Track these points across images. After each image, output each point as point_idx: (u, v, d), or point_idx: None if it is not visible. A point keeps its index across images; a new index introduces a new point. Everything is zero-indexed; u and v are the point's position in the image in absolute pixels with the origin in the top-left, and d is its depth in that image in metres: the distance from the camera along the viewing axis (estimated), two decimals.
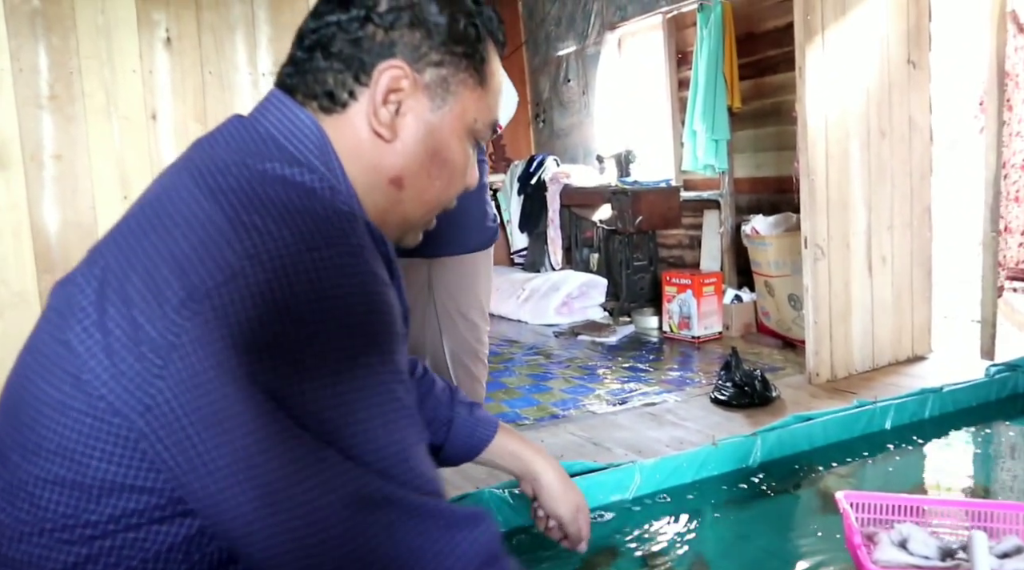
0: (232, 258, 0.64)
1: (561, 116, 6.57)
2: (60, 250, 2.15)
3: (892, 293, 3.45)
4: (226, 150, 0.75)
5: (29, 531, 0.70)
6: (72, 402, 0.67)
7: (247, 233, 0.65)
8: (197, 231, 0.66)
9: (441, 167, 0.84)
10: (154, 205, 0.72)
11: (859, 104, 3.26)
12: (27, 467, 0.70)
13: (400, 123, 0.80)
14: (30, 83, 2.06)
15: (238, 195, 0.69)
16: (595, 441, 2.63)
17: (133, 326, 0.64)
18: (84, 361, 0.66)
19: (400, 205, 0.84)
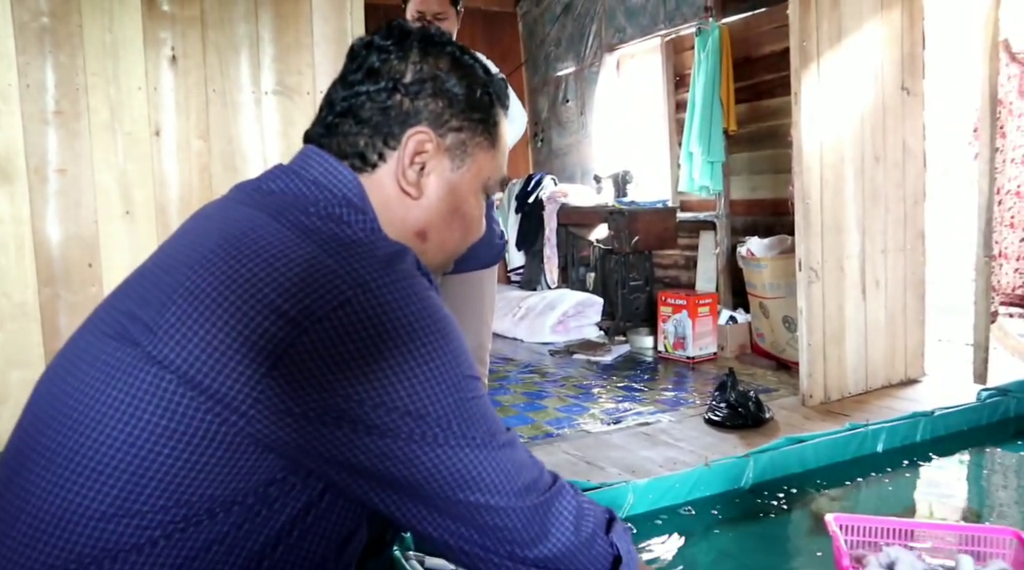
0: (342, 287, 0.74)
1: (559, 135, 6.62)
2: (61, 263, 2.17)
3: (885, 316, 3.48)
4: (290, 195, 0.85)
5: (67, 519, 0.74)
6: (156, 400, 0.74)
7: (347, 266, 0.76)
8: (300, 264, 0.76)
9: (460, 220, 0.94)
10: (242, 240, 0.79)
11: (854, 129, 3.30)
12: (99, 459, 0.74)
13: (424, 182, 0.90)
14: (36, 99, 2.09)
15: (325, 235, 0.80)
16: (589, 460, 2.64)
17: (239, 336, 0.73)
18: (180, 368, 0.73)
19: (423, 255, 0.92)
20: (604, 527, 0.90)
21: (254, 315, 0.73)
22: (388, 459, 0.76)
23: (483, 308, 2.51)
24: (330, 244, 0.79)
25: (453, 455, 0.78)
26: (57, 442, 0.76)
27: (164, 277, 0.80)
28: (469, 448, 0.79)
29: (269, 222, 0.80)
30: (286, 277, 0.75)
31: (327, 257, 0.77)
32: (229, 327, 0.73)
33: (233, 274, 0.75)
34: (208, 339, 0.73)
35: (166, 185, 2.26)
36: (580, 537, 0.86)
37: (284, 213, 0.82)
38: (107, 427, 0.74)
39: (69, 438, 0.75)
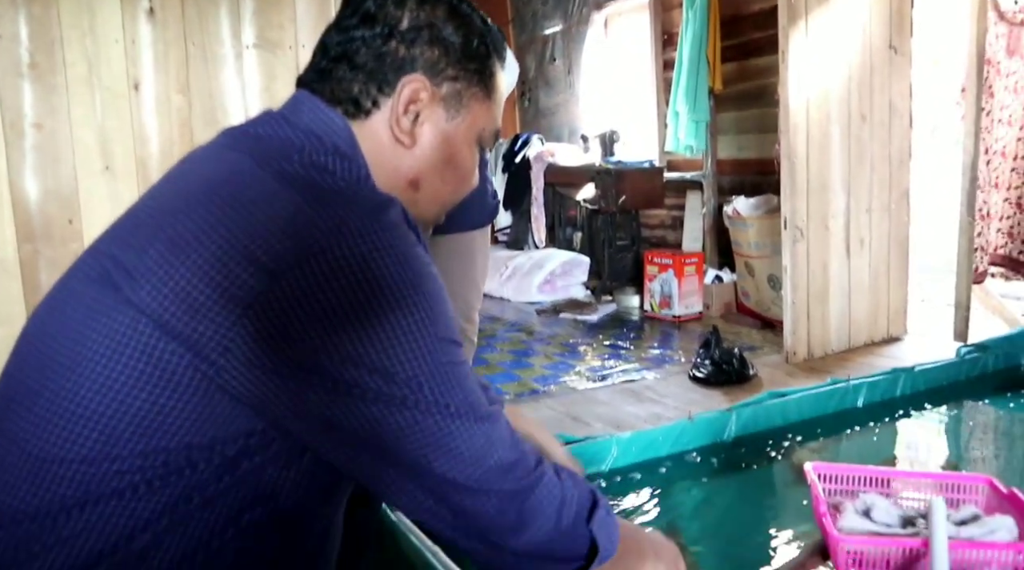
0: (318, 236, 0.72)
1: (546, 95, 6.57)
2: (41, 219, 2.15)
3: (869, 275, 3.50)
4: (276, 141, 0.83)
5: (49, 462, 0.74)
6: (133, 343, 0.73)
7: (327, 215, 0.74)
8: (279, 212, 0.74)
9: (453, 171, 0.93)
10: (224, 186, 0.78)
11: (841, 88, 3.29)
12: (78, 401, 0.74)
13: (418, 131, 0.89)
14: (10, 52, 2.05)
15: (306, 181, 0.78)
16: (574, 416, 2.67)
17: (213, 284, 0.71)
18: (155, 312, 0.72)
19: (415, 205, 0.91)
20: (586, 514, 0.85)
21: (229, 262, 0.71)
22: (356, 419, 0.73)
23: (474, 268, 2.51)
24: (311, 192, 0.76)
25: (422, 420, 0.74)
26: (40, 384, 0.76)
27: (147, 221, 0.79)
28: (440, 415, 0.75)
29: (253, 169, 0.78)
30: (264, 225, 0.73)
31: (307, 206, 0.74)
32: (204, 273, 0.72)
33: (212, 220, 0.74)
34: (183, 285, 0.72)
35: (146, 141, 2.23)
36: (560, 528, 0.82)
37: (269, 160, 0.79)
38: (87, 370, 0.74)
39: (51, 380, 0.75)
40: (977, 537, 1.29)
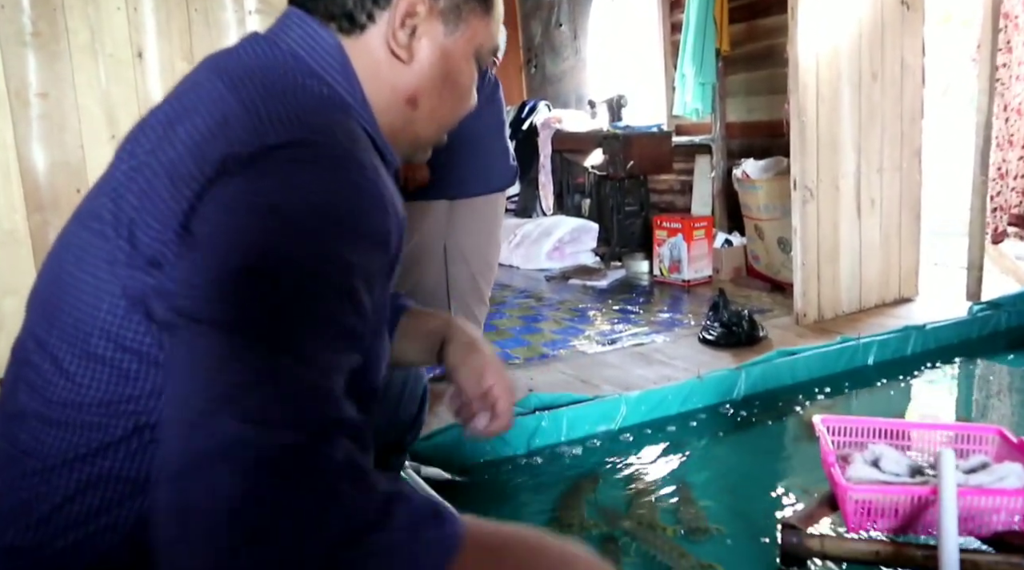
0: (244, 136, 0.70)
1: (553, 61, 6.50)
2: (49, 189, 2.16)
3: (880, 235, 3.47)
4: (252, 59, 0.81)
5: (69, 408, 0.75)
6: (107, 285, 0.73)
7: (258, 118, 0.71)
8: (215, 115, 0.73)
9: (452, 88, 0.90)
10: (181, 100, 0.78)
11: (851, 46, 3.24)
12: (67, 348, 0.75)
13: (416, 46, 0.86)
14: (13, 19, 2.04)
15: (257, 89, 0.75)
16: (584, 379, 2.67)
17: (154, 209, 0.71)
18: (113, 246, 0.72)
19: (413, 124, 0.90)
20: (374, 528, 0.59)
21: (176, 189, 0.71)
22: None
23: (498, 229, 2.58)
24: (261, 98, 0.74)
25: (221, 336, 0.62)
26: (49, 334, 0.77)
27: (125, 160, 0.78)
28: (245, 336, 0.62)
29: (224, 96, 0.76)
30: (199, 131, 0.73)
31: (242, 109, 0.73)
32: (152, 199, 0.72)
33: (162, 145, 0.74)
34: (141, 208, 0.72)
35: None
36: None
37: (242, 85, 0.76)
38: (87, 315, 0.74)
39: (56, 328, 0.76)
40: (986, 484, 1.29)
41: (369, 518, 0.59)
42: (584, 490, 1.85)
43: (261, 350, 0.61)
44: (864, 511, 1.34)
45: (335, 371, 0.65)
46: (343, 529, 0.57)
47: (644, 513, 1.73)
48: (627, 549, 1.58)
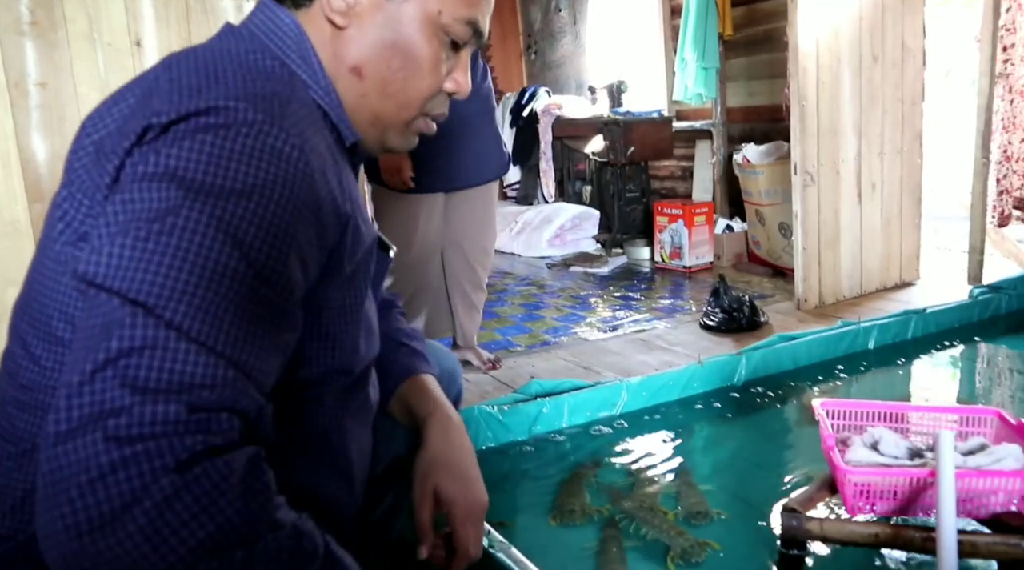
0: (161, 107, 0.69)
1: (552, 47, 6.47)
2: (50, 180, 2.15)
3: (881, 220, 3.47)
4: (207, 45, 0.81)
5: (37, 392, 0.75)
6: (62, 267, 0.74)
7: (179, 91, 0.70)
8: (143, 91, 0.73)
9: (403, 59, 0.83)
10: (126, 86, 0.79)
11: (851, 28, 3.23)
12: (33, 332, 0.76)
13: (356, 11, 0.82)
14: (10, 8, 2.03)
15: (188, 65, 0.74)
16: (585, 365, 2.68)
17: (83, 185, 0.73)
18: (62, 226, 0.74)
19: (365, 99, 0.85)
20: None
21: (98, 162, 0.72)
22: None
23: (492, 217, 2.61)
24: (185, 71, 0.74)
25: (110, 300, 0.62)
26: (21, 320, 0.79)
27: (75, 146, 0.79)
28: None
29: (158, 75, 0.76)
30: (120, 110, 0.74)
31: (165, 83, 0.73)
32: (82, 177, 0.74)
33: (98, 126, 0.75)
34: (75, 186, 0.74)
35: None
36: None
37: (175, 64, 0.76)
38: (49, 298, 0.75)
39: (27, 314, 0.78)
40: (984, 466, 1.30)
41: (231, 517, 0.58)
42: (585, 475, 1.87)
43: (150, 319, 0.60)
44: (863, 494, 1.35)
45: (241, 348, 0.64)
46: (204, 513, 0.57)
47: (645, 498, 1.74)
48: (628, 532, 1.60)
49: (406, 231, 2.39)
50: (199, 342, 0.61)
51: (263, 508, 0.61)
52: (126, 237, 0.63)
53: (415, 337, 1.13)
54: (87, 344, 0.61)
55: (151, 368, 0.59)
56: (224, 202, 0.65)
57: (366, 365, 0.92)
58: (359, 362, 0.89)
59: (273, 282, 0.67)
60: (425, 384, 1.06)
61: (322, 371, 0.83)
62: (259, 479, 0.62)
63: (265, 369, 0.67)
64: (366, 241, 0.83)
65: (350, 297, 0.83)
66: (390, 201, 2.41)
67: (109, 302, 0.61)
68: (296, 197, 0.69)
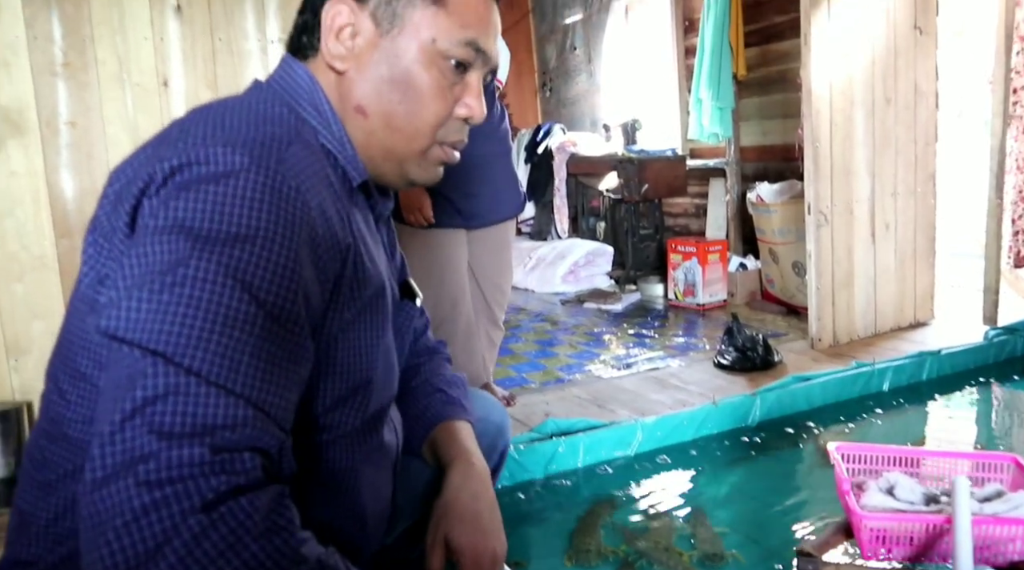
0: (168, 155, 0.73)
1: (567, 85, 6.56)
2: (77, 216, 2.20)
3: (895, 260, 3.48)
4: (230, 98, 0.85)
5: (62, 424, 0.79)
6: (87, 305, 0.77)
7: (185, 140, 0.74)
8: (160, 140, 0.77)
9: (403, 92, 0.85)
10: None
11: (864, 71, 3.27)
12: (62, 368, 0.80)
13: (355, 54, 0.85)
14: (45, 50, 2.10)
15: (201, 116, 0.78)
16: (599, 403, 2.69)
17: (103, 229, 0.76)
18: (87, 267, 0.78)
19: (374, 136, 0.87)
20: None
21: (116, 207, 0.75)
22: None
23: (509, 256, 2.62)
24: (196, 119, 0.78)
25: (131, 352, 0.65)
26: (55, 357, 0.83)
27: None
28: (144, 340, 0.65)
29: (175, 125, 0.80)
30: (138, 157, 0.78)
31: (177, 130, 0.77)
32: (103, 221, 0.77)
33: (120, 174, 0.79)
34: (97, 230, 0.78)
35: None
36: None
37: (191, 115, 0.81)
38: (76, 336, 0.79)
39: (60, 352, 0.82)
40: (1001, 513, 1.29)
41: (256, 550, 0.61)
42: (601, 515, 1.87)
43: (170, 367, 0.63)
44: (879, 539, 1.35)
45: (258, 387, 0.67)
46: (231, 550, 0.60)
47: (660, 538, 1.73)
48: None
49: (430, 268, 2.41)
50: (218, 385, 0.64)
51: (287, 544, 0.63)
52: (142, 290, 0.66)
53: (455, 384, 1.14)
54: (115, 395, 0.64)
55: (175, 413, 0.62)
56: (230, 248, 0.68)
57: (380, 407, 0.93)
58: (372, 402, 0.90)
59: (283, 319, 0.70)
60: (454, 430, 1.06)
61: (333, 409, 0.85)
62: (283, 516, 0.64)
63: (283, 405, 0.70)
64: (373, 279, 0.85)
65: (362, 334, 0.85)
66: (413, 239, 2.43)
67: (131, 354, 0.65)
68: (296, 234, 0.72)
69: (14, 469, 2.13)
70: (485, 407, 1.22)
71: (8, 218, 2.11)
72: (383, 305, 0.88)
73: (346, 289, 0.81)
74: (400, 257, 1.10)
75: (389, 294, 0.90)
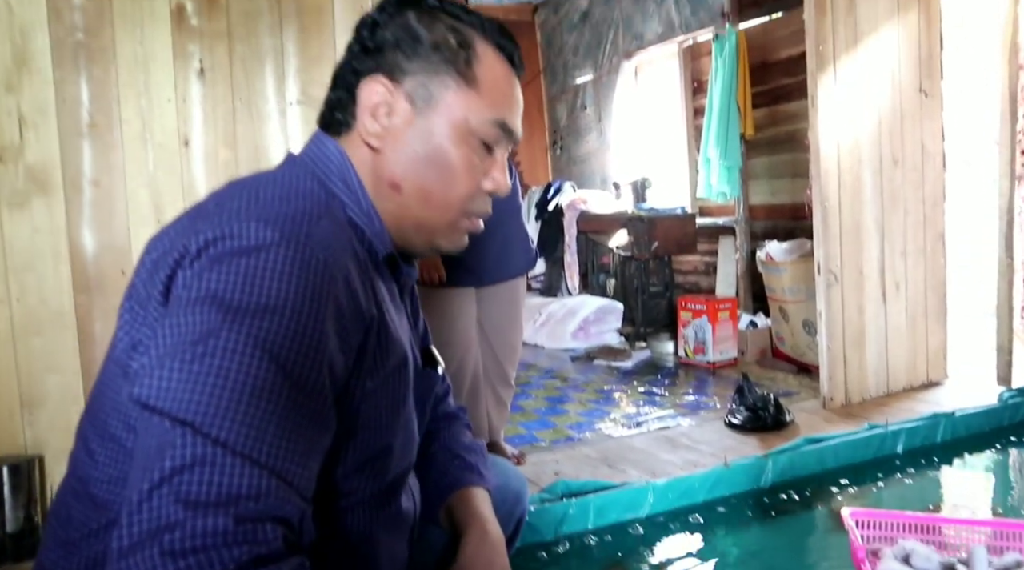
0: (203, 228, 0.75)
1: (578, 143, 6.67)
2: (95, 271, 2.24)
3: (906, 319, 3.47)
4: (264, 172, 0.89)
5: (89, 483, 0.81)
6: (120, 373, 0.79)
7: (219, 213, 0.77)
8: (196, 212, 0.81)
9: (438, 169, 0.88)
10: None
11: (871, 132, 3.31)
12: (92, 428, 0.81)
13: (391, 132, 0.88)
14: (72, 113, 2.16)
15: (236, 189, 0.82)
16: (610, 463, 2.67)
17: (138, 296, 0.79)
18: (122, 333, 0.80)
19: (408, 210, 0.90)
20: None
21: (152, 275, 0.78)
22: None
23: (520, 311, 2.62)
24: (232, 194, 0.81)
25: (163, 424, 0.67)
26: (86, 417, 0.85)
27: None
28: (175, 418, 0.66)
29: (211, 197, 0.84)
30: (175, 228, 0.81)
31: (213, 204, 0.80)
32: (139, 288, 0.80)
33: (157, 243, 0.82)
34: (133, 296, 0.80)
35: (195, 194, 2.32)
36: None
37: (226, 188, 0.84)
38: (109, 397, 0.81)
39: (90, 413, 0.84)
40: None
41: None
42: None
43: (198, 437, 0.65)
44: None
45: (283, 457, 0.68)
46: None
47: None
48: None
49: (437, 326, 2.42)
50: (243, 455, 0.66)
51: None
52: (173, 360, 0.68)
53: (474, 451, 1.14)
54: (144, 464, 0.66)
55: (201, 483, 0.64)
56: (259, 320, 0.70)
57: (399, 474, 0.94)
58: (391, 470, 0.91)
59: (309, 389, 0.72)
60: (471, 496, 1.07)
61: (352, 476, 0.86)
62: None
63: (306, 475, 0.71)
64: (396, 350, 0.87)
65: (383, 403, 0.86)
66: (423, 298, 2.46)
67: (161, 424, 0.66)
68: (323, 306, 0.74)
69: (23, 523, 2.12)
70: (504, 474, 1.22)
71: (29, 273, 2.15)
72: (405, 375, 0.90)
73: (369, 359, 0.82)
74: (423, 324, 1.11)
75: (411, 363, 0.92)
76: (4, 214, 2.13)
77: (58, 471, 2.21)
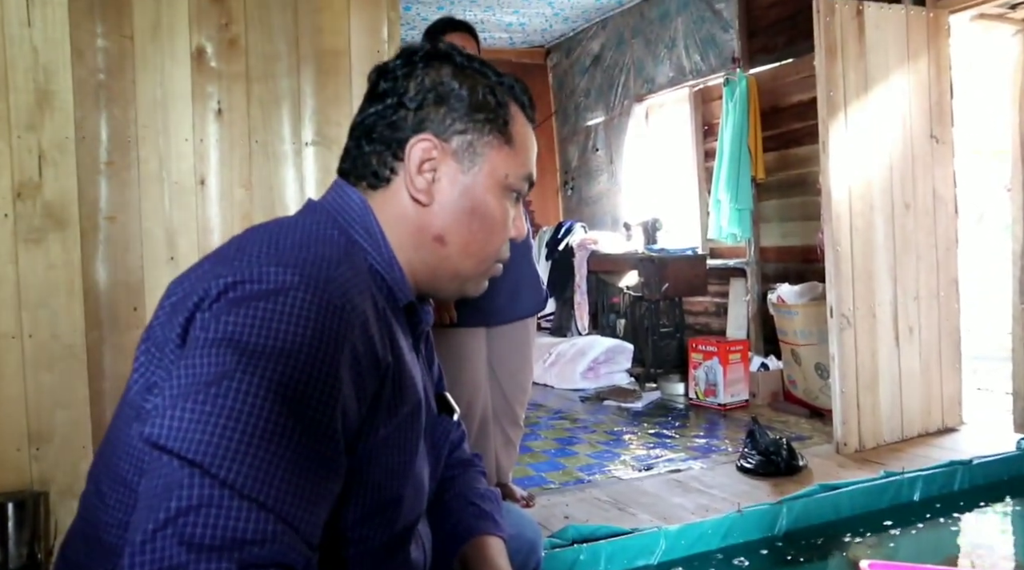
0: (224, 272, 0.76)
1: (589, 184, 6.71)
2: (108, 308, 2.25)
3: (920, 364, 3.44)
4: (285, 218, 0.90)
5: (99, 527, 0.80)
6: (134, 415, 0.79)
7: (240, 258, 0.78)
8: (217, 257, 0.82)
9: (481, 222, 0.93)
10: None
11: (883, 177, 3.32)
12: (104, 472, 0.81)
13: (436, 188, 0.90)
14: (91, 150, 2.19)
15: (257, 234, 0.83)
16: (620, 506, 2.63)
17: (156, 338, 0.79)
18: (138, 375, 0.80)
19: (448, 260, 0.93)
20: None
21: (171, 317, 0.78)
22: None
23: (530, 351, 2.62)
24: (252, 239, 0.82)
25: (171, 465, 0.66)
26: (98, 461, 0.85)
27: None
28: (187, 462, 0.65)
29: (232, 242, 0.85)
30: (195, 272, 0.81)
31: (234, 249, 0.81)
32: (156, 330, 0.80)
33: (177, 287, 0.82)
34: (150, 339, 0.80)
35: (209, 232, 2.34)
36: None
37: (248, 233, 0.86)
38: (122, 441, 0.80)
39: (102, 456, 0.84)
40: None
41: None
42: None
43: (206, 479, 0.64)
44: None
45: (290, 502, 0.67)
46: None
47: None
48: None
49: (445, 366, 2.41)
50: (251, 498, 0.65)
51: None
52: (187, 401, 0.68)
53: (489, 499, 1.13)
54: (151, 503, 0.65)
55: (206, 525, 0.63)
56: (274, 363, 0.70)
57: (408, 524, 0.92)
58: (400, 519, 0.90)
59: (320, 435, 0.71)
60: (485, 546, 1.05)
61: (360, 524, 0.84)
62: None
63: (313, 521, 0.70)
64: (410, 398, 0.86)
65: (395, 451, 0.85)
66: (437, 339, 2.45)
67: (170, 463, 0.66)
68: (339, 351, 0.74)
69: (25, 560, 2.10)
70: (519, 523, 1.20)
71: (43, 308, 2.16)
72: (418, 423, 0.89)
73: (383, 407, 0.82)
74: (438, 370, 1.11)
75: (425, 410, 0.91)
76: (21, 250, 2.15)
77: (63, 507, 2.20)
